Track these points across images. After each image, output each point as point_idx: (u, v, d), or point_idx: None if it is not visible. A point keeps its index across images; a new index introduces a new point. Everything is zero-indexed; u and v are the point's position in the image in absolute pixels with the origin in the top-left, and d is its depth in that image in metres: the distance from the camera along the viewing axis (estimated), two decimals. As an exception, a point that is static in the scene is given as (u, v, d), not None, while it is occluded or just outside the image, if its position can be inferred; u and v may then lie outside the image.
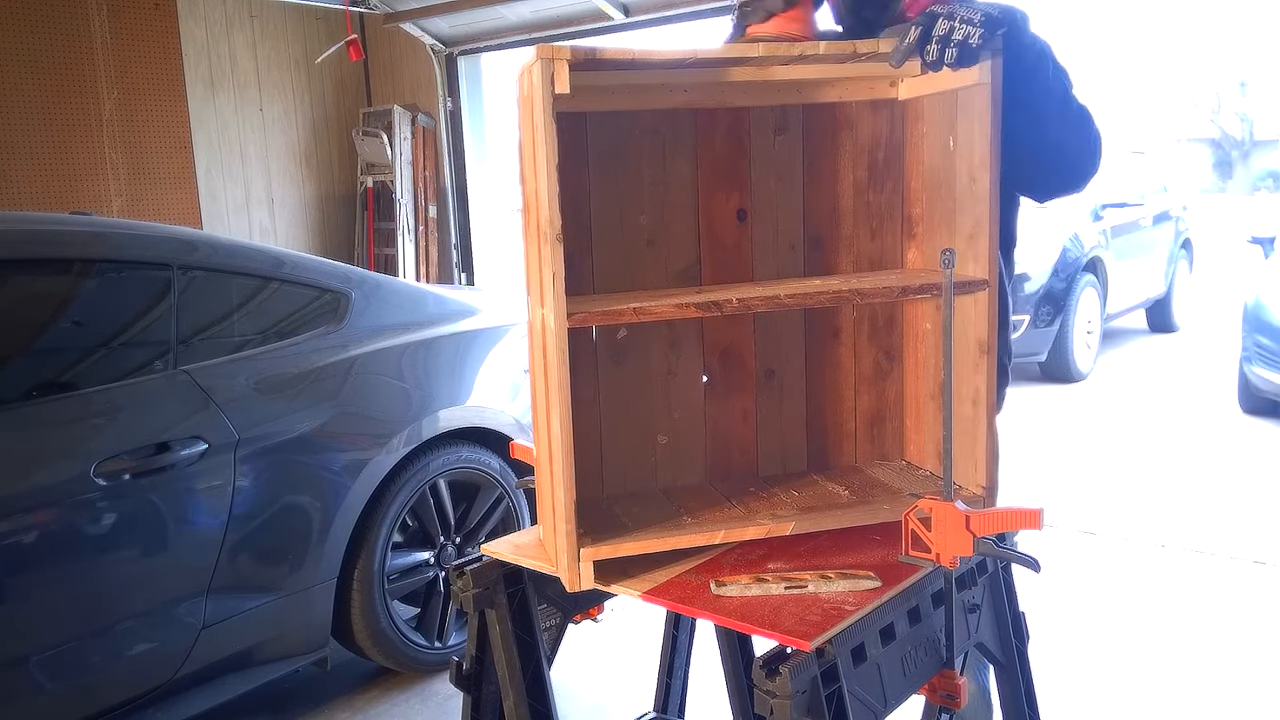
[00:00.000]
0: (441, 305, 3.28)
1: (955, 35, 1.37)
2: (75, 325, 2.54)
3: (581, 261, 1.63)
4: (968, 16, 1.38)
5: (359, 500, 2.83)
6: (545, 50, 1.30)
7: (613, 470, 1.70)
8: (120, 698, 2.41)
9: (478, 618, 1.62)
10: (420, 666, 3.08)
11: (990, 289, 1.51)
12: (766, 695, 1.22)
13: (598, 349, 1.67)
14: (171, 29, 6.36)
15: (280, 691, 3.10)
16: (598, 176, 1.62)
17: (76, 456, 2.30)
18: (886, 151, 1.74)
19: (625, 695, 2.98)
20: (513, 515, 3.30)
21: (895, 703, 1.38)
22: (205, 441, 2.48)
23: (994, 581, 1.62)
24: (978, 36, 1.36)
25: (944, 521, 1.34)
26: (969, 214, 1.55)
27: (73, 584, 2.29)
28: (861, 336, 1.79)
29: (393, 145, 7.10)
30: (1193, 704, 2.84)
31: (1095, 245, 7.42)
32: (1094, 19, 39.08)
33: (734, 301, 1.44)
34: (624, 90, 1.58)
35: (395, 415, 2.94)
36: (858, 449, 1.83)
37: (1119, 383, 7.28)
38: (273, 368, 2.72)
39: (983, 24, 1.37)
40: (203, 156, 6.59)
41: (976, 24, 1.37)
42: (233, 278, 2.74)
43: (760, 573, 1.43)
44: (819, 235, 1.74)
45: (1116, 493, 4.75)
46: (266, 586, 2.65)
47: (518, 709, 1.58)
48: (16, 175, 5.76)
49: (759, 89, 1.63)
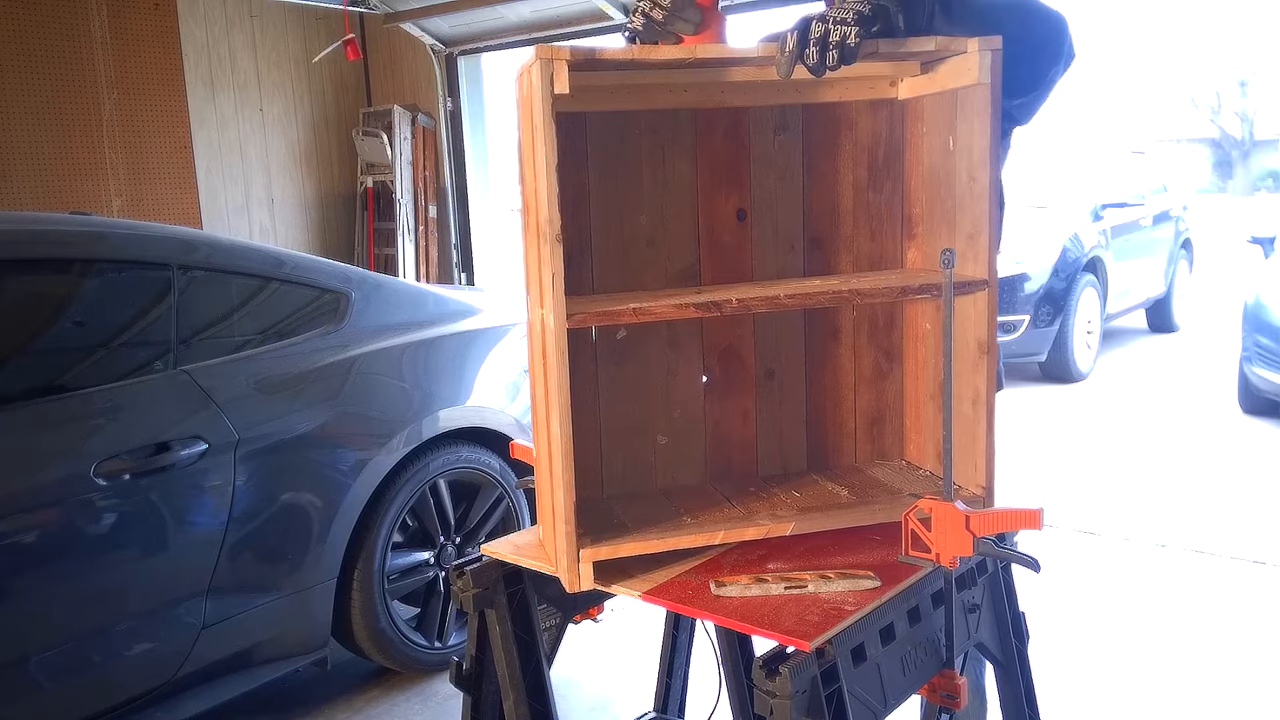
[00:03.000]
0: (441, 305, 3.28)
1: (832, 37, 1.35)
2: (75, 325, 2.54)
3: (581, 262, 1.63)
4: (841, 17, 1.36)
5: (359, 500, 2.83)
6: (545, 51, 1.30)
7: (613, 470, 1.70)
8: (120, 698, 2.41)
9: (478, 618, 1.62)
10: (420, 666, 3.08)
11: (990, 289, 1.51)
12: (766, 695, 1.22)
13: (597, 349, 1.67)
14: (171, 29, 6.36)
15: (280, 691, 3.10)
16: (598, 176, 1.62)
17: (76, 456, 2.30)
18: (886, 151, 1.74)
19: (625, 695, 2.98)
20: (513, 515, 3.30)
21: (895, 703, 1.38)
22: (205, 441, 2.48)
23: (994, 581, 1.62)
24: (854, 35, 1.35)
25: (944, 521, 1.34)
26: (969, 214, 1.55)
27: (73, 584, 2.29)
28: (861, 336, 1.79)
29: (393, 145, 7.10)
30: (1192, 704, 2.84)
31: (1095, 245, 7.42)
32: (1094, 19, 39.08)
33: (734, 302, 1.44)
34: (624, 90, 1.58)
35: (395, 415, 2.94)
36: (858, 449, 1.83)
37: (1119, 383, 7.28)
38: (273, 368, 2.72)
39: (856, 21, 1.35)
40: (203, 156, 6.59)
41: (850, 22, 1.35)
42: (233, 278, 2.74)
43: (760, 573, 1.43)
44: (819, 235, 1.74)
45: (1116, 493, 4.75)
46: (266, 586, 2.65)
47: (518, 709, 1.58)
48: (16, 175, 5.76)
49: (759, 89, 1.63)
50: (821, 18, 1.37)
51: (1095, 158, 8.35)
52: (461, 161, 7.38)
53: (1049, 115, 1.90)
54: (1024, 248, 6.95)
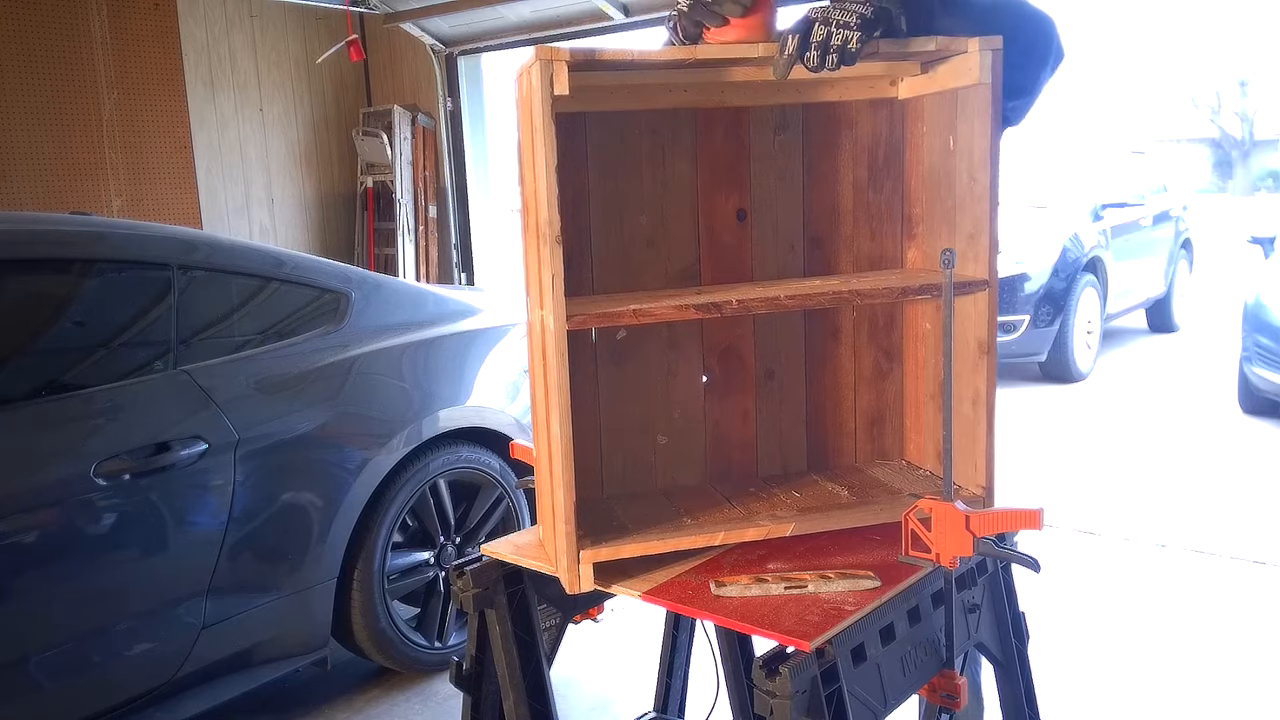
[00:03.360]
0: (441, 305, 3.28)
1: (834, 40, 1.35)
2: (76, 325, 2.54)
3: (581, 262, 1.63)
4: (844, 20, 1.35)
5: (359, 500, 2.83)
6: (544, 51, 1.30)
7: (613, 471, 1.70)
8: (120, 698, 2.41)
9: (478, 618, 1.62)
10: (420, 666, 3.08)
11: (990, 289, 1.51)
12: (766, 695, 1.22)
13: (597, 350, 1.67)
14: (171, 29, 6.36)
15: (280, 691, 3.10)
16: (597, 177, 1.62)
17: (76, 456, 2.30)
18: (886, 151, 1.74)
19: (625, 695, 2.98)
20: (513, 515, 3.30)
21: (895, 703, 1.38)
22: (205, 441, 2.48)
23: (994, 581, 1.62)
24: (855, 41, 1.35)
25: (944, 521, 1.34)
26: (969, 214, 1.55)
27: (73, 584, 2.29)
28: (861, 336, 1.79)
29: (393, 145, 7.09)
30: (1192, 704, 2.84)
31: (1095, 245, 7.42)
32: (1094, 19, 39.10)
33: (734, 303, 1.44)
34: (624, 90, 1.58)
35: (395, 415, 2.94)
36: (858, 449, 1.82)
37: (1119, 383, 7.28)
38: (273, 368, 2.72)
39: (859, 25, 1.35)
40: (203, 156, 6.58)
41: (853, 26, 1.35)
42: (233, 278, 2.74)
43: (760, 573, 1.43)
44: (819, 235, 1.74)
45: (1116, 493, 4.75)
46: (266, 586, 2.65)
47: (518, 709, 1.58)
48: (16, 175, 5.76)
49: (759, 89, 1.63)
50: (824, 19, 1.36)
51: (1095, 158, 8.35)
52: (461, 161, 7.37)
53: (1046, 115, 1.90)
54: (1024, 248, 6.95)
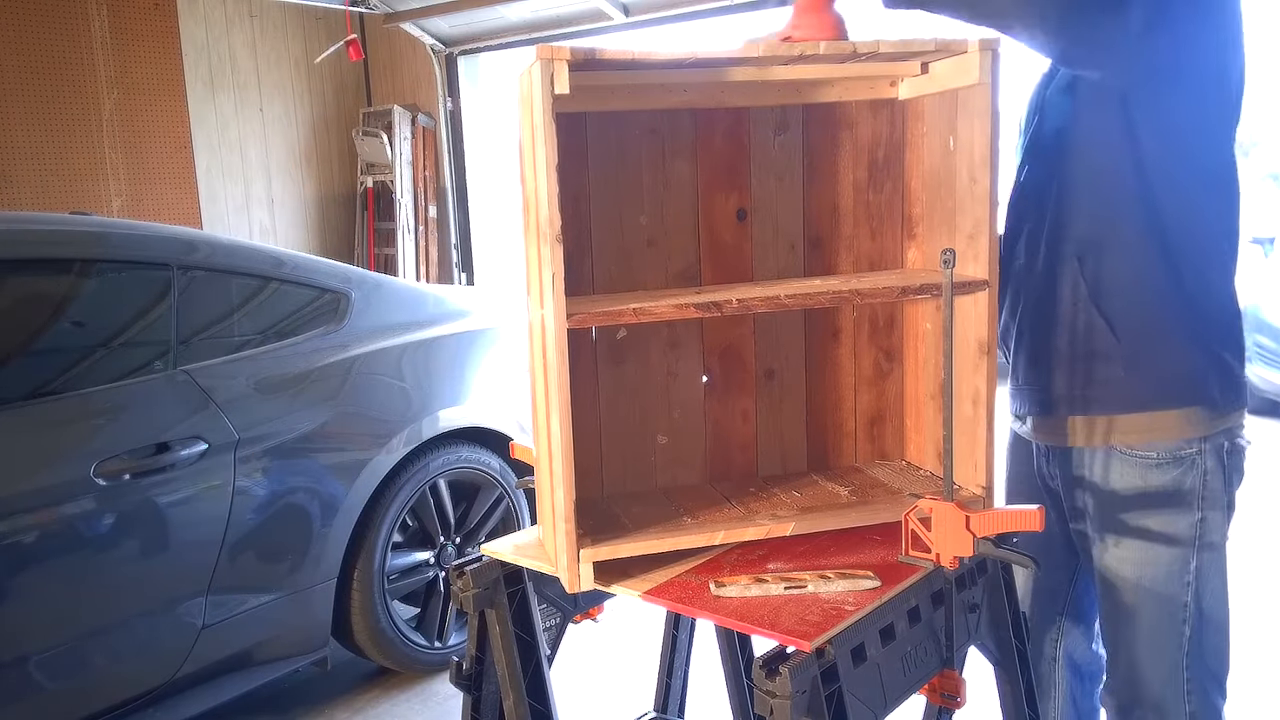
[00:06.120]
0: (441, 305, 3.28)
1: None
2: (75, 325, 2.54)
3: (581, 262, 1.63)
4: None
5: (359, 500, 2.83)
6: (545, 51, 1.30)
7: (613, 470, 1.70)
8: (120, 698, 2.41)
9: (478, 618, 1.62)
10: (420, 666, 3.08)
11: (990, 289, 1.51)
12: (766, 695, 1.22)
13: (597, 349, 1.67)
14: (171, 29, 6.36)
15: (280, 691, 3.10)
16: (597, 176, 1.62)
17: (76, 456, 2.30)
18: (886, 151, 1.74)
19: (625, 695, 2.98)
20: (513, 515, 3.30)
21: (895, 703, 1.38)
22: (205, 441, 2.48)
23: (994, 581, 1.62)
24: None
25: (944, 521, 1.34)
26: (969, 214, 1.55)
27: (73, 584, 2.29)
28: (861, 336, 1.79)
29: (393, 145, 7.09)
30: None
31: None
32: (1094, 19, 38.92)
33: (734, 302, 1.44)
34: (624, 90, 1.58)
35: (395, 415, 2.94)
36: (858, 449, 1.82)
37: (1119, 383, 7.26)
38: (273, 368, 2.72)
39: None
40: (203, 156, 6.58)
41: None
42: (233, 278, 2.74)
43: (760, 573, 1.43)
44: (819, 235, 1.74)
45: (1116, 493, 4.73)
46: (266, 586, 2.65)
47: (518, 709, 1.58)
48: (16, 175, 5.76)
49: (759, 89, 1.63)
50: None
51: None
52: (461, 161, 7.37)
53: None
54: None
